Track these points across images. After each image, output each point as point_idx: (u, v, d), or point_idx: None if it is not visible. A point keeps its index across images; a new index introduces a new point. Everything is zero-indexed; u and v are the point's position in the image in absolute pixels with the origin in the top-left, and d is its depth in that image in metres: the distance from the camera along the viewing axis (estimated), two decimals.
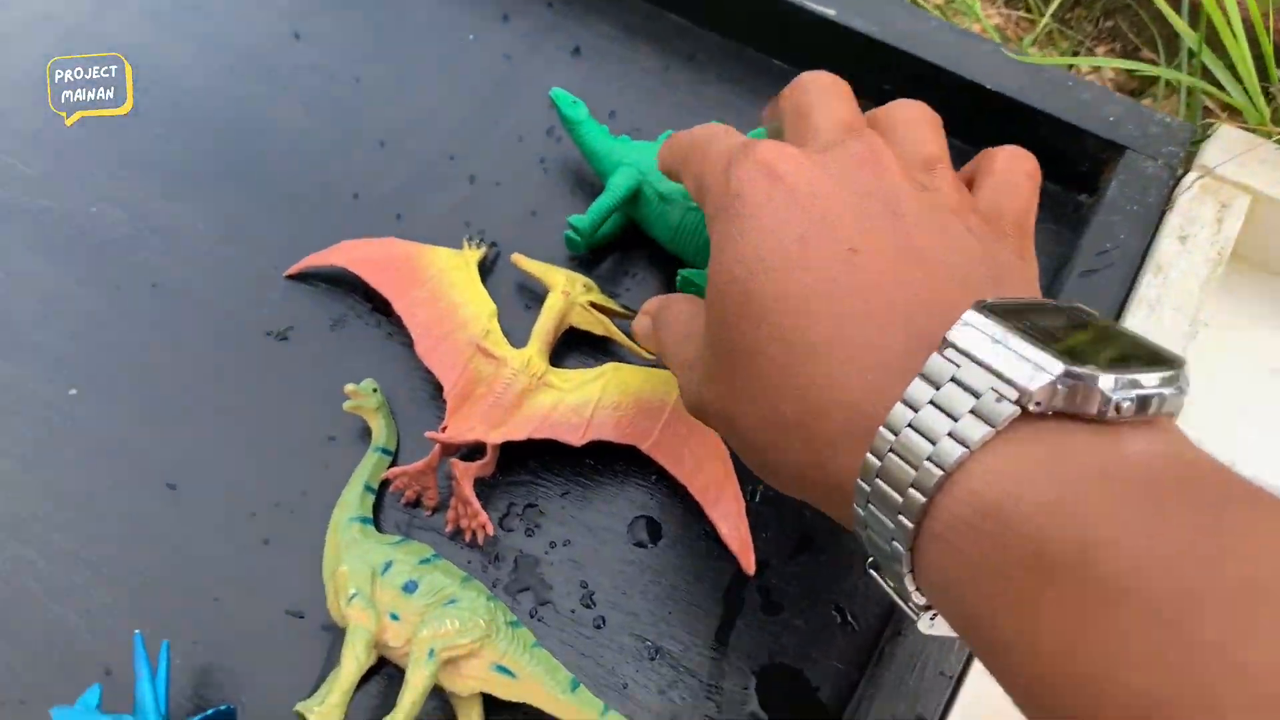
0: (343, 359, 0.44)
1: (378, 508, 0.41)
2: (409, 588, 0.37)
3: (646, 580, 0.41)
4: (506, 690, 0.36)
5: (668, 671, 0.39)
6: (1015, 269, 0.29)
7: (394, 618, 0.37)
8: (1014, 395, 0.23)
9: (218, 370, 0.44)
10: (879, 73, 0.48)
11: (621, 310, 0.44)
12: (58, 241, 0.47)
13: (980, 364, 0.23)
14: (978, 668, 0.36)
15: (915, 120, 0.33)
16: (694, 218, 0.44)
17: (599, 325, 0.44)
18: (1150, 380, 0.23)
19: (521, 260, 0.45)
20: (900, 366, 0.25)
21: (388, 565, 0.38)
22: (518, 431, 0.41)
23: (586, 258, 0.47)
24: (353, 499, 0.40)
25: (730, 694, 0.39)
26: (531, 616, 0.40)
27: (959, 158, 0.33)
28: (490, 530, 0.40)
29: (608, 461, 0.42)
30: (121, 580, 0.40)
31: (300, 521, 0.41)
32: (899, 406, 0.24)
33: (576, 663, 0.39)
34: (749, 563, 0.41)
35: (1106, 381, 0.22)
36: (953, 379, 0.24)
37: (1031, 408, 0.22)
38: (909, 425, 0.24)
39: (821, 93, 0.33)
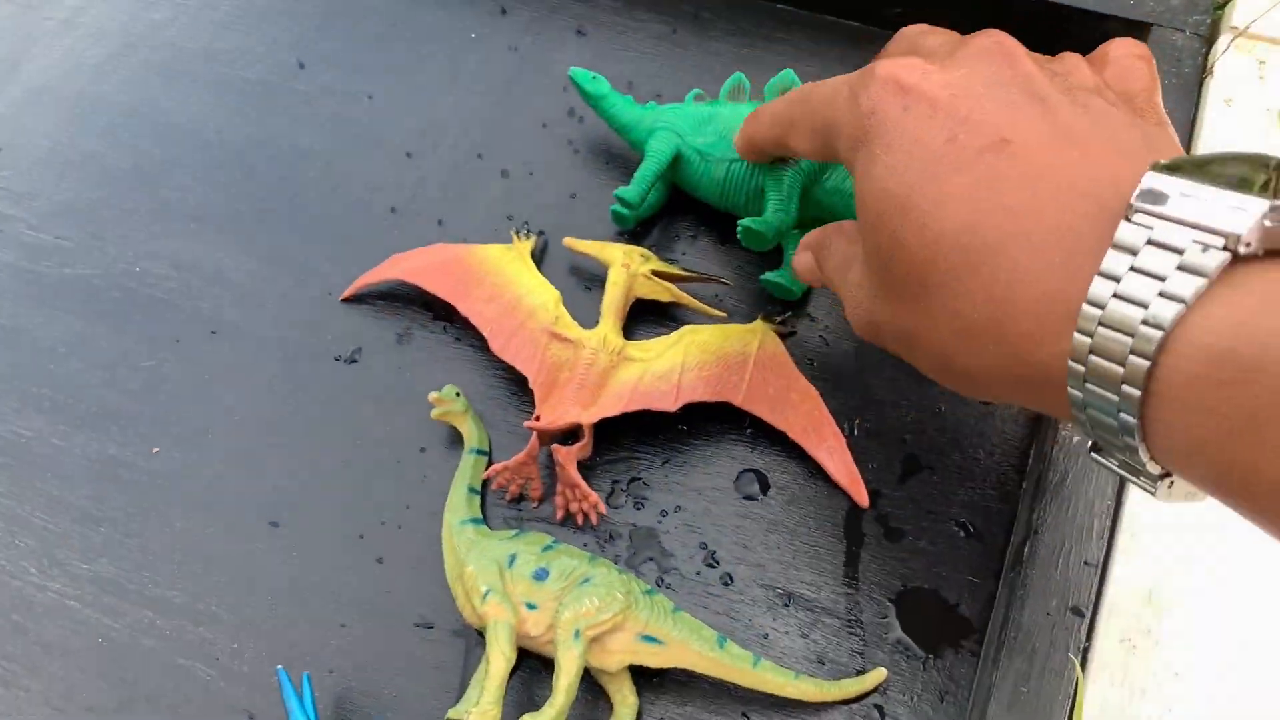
0: (416, 371, 0.44)
1: (484, 508, 0.41)
2: (539, 575, 0.37)
3: (764, 531, 0.40)
4: (656, 658, 0.36)
5: (804, 615, 0.39)
6: (1164, 137, 0.29)
7: (531, 607, 0.36)
8: (1220, 242, 0.22)
9: (294, 402, 0.44)
10: None
11: (685, 273, 0.44)
12: (109, 306, 0.47)
13: (1175, 221, 0.23)
14: (1121, 549, 0.36)
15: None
16: (739, 169, 0.44)
17: (665, 292, 0.44)
18: None
19: (574, 242, 0.45)
20: (1087, 246, 0.25)
21: (512, 558, 0.37)
22: (611, 407, 0.40)
23: (636, 230, 0.47)
24: (459, 503, 0.40)
25: (871, 625, 0.39)
26: (659, 585, 0.40)
27: None
28: (602, 508, 0.40)
29: (701, 423, 0.42)
30: (243, 625, 0.40)
31: (410, 534, 0.41)
32: (1098, 280, 0.24)
33: (713, 622, 0.39)
34: (861, 495, 0.40)
35: None
36: (1149, 242, 0.23)
37: (1242, 250, 0.22)
38: (1114, 296, 0.23)
39: (916, 32, 0.34)
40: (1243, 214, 0.22)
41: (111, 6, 0.55)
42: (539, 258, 0.46)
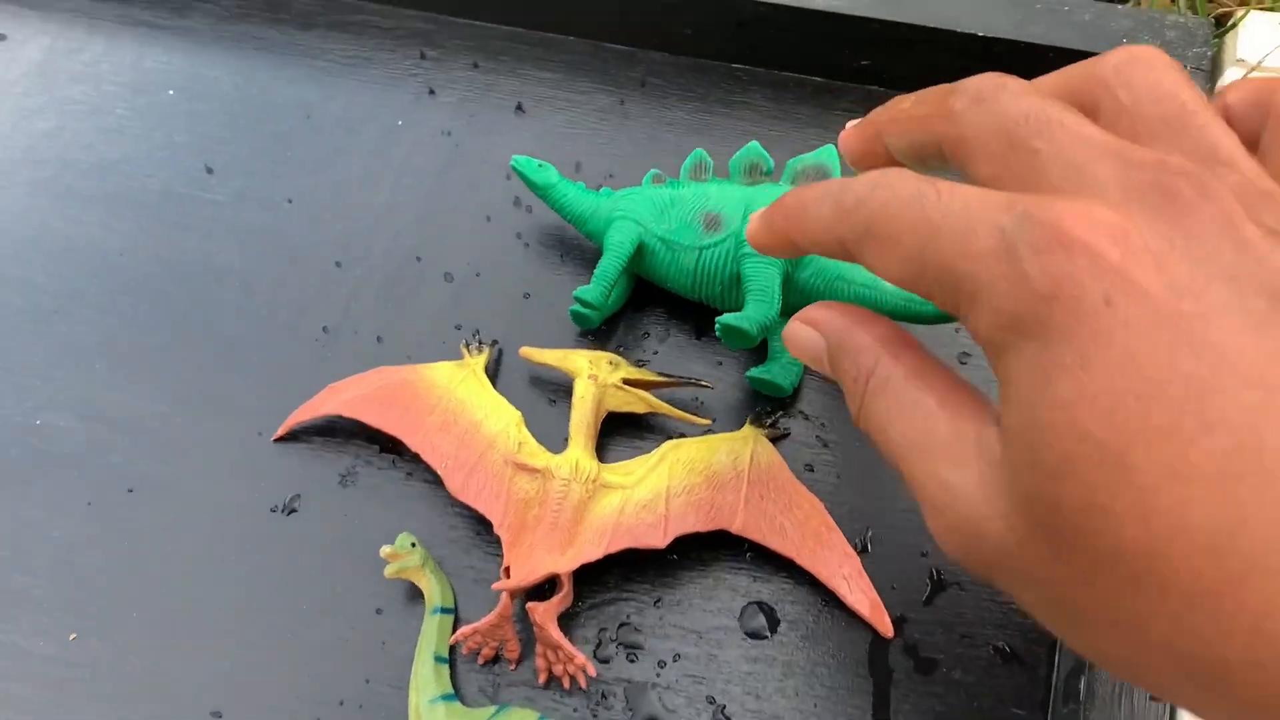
0: (364, 518, 0.39)
1: (455, 675, 0.36)
2: None
3: (778, 675, 0.35)
4: None
5: None
6: None
7: None
8: None
9: (229, 567, 0.38)
10: (853, 49, 0.44)
11: (660, 378, 0.39)
12: (6, 470, 0.41)
13: None
14: None
15: (1157, 88, 0.24)
16: (711, 256, 0.39)
17: (640, 402, 0.39)
18: None
19: (532, 353, 0.40)
20: None
21: None
22: (591, 550, 0.35)
23: (601, 329, 0.42)
24: (426, 675, 0.35)
25: None
26: None
27: None
28: (591, 669, 0.35)
29: (693, 552, 0.37)
30: None
31: (373, 713, 0.35)
32: None
33: None
34: (885, 624, 0.36)
35: None
36: None
37: None
38: None
39: (1020, 105, 0.24)
40: None
41: None
42: (494, 372, 0.41)
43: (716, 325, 0.37)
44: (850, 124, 0.30)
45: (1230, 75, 0.40)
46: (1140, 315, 0.20)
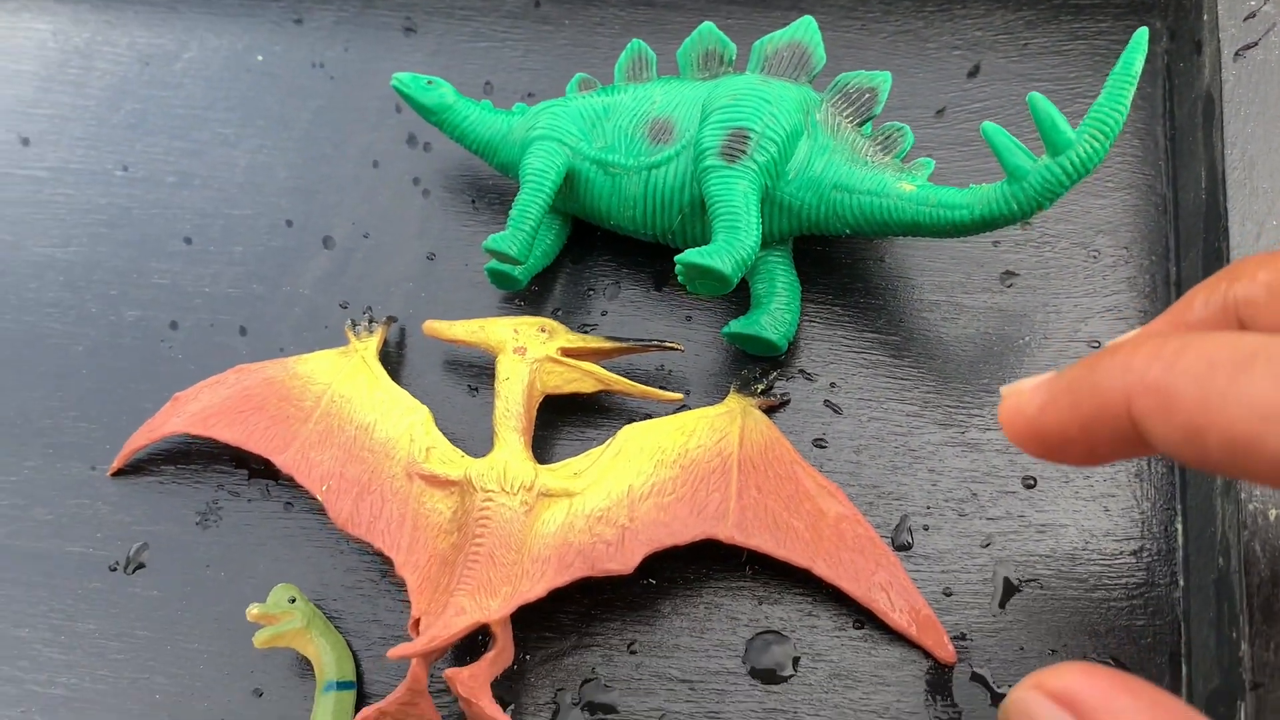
0: (232, 566, 0.29)
1: None
2: None
3: None
4: None
5: None
6: None
7: None
8: None
9: (59, 650, 0.29)
10: None
11: (611, 344, 0.29)
12: None
13: None
14: None
15: None
16: (663, 175, 0.29)
17: (586, 378, 0.29)
18: None
19: (440, 327, 0.30)
20: None
21: None
22: (531, 587, 0.25)
23: (530, 291, 0.32)
24: None
25: None
26: None
27: None
28: None
29: (674, 573, 0.28)
30: None
31: None
32: None
33: None
34: (943, 646, 0.26)
35: None
36: None
37: None
38: None
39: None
40: None
41: None
42: (394, 359, 0.31)
43: (677, 267, 0.27)
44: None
45: None
46: None
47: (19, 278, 0.34)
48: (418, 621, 0.25)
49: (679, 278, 0.27)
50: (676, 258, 0.27)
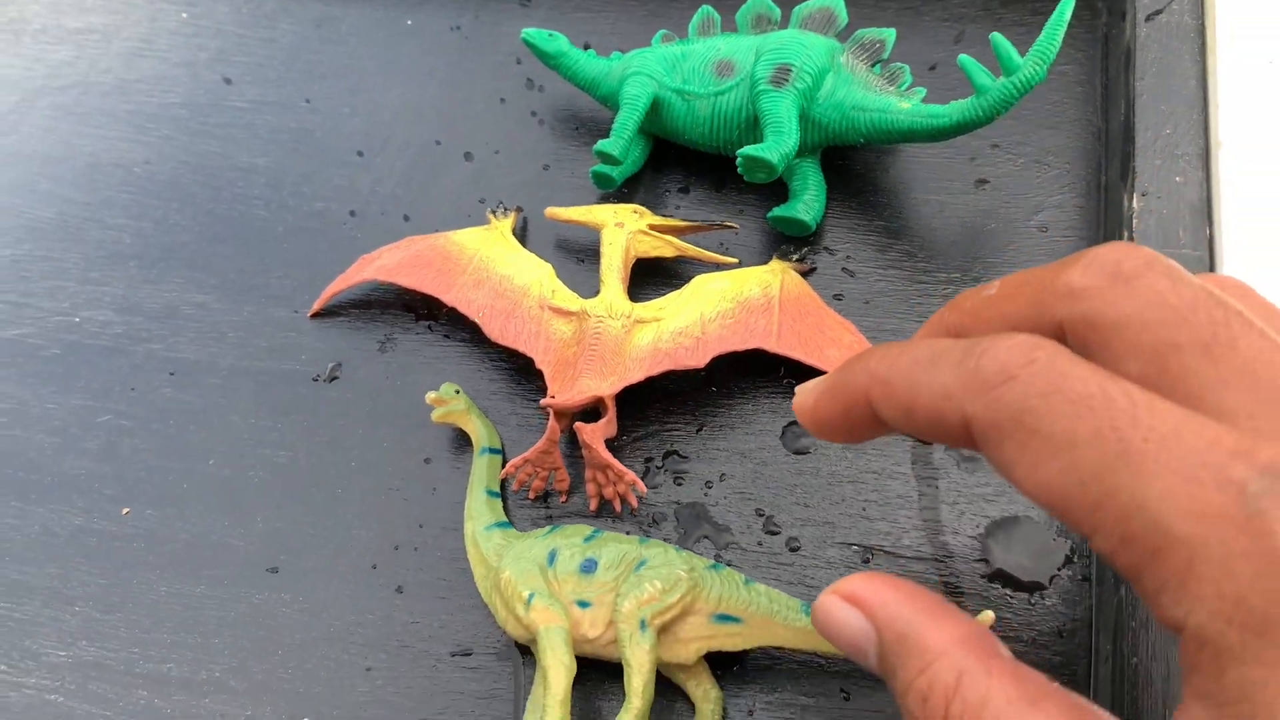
0: (405, 378, 0.40)
1: (506, 512, 0.36)
2: (587, 567, 0.32)
3: (824, 485, 0.36)
4: (736, 639, 0.31)
5: (889, 565, 0.34)
6: None
7: (583, 605, 0.32)
8: None
9: (275, 434, 0.39)
10: None
11: (685, 223, 0.40)
12: (50, 364, 0.41)
13: None
14: None
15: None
16: (726, 100, 0.40)
17: (667, 246, 0.39)
18: None
19: (557, 211, 0.41)
20: None
21: (552, 555, 0.33)
22: (633, 374, 0.36)
23: (622, 191, 0.43)
24: (479, 508, 0.35)
25: (965, 565, 0.34)
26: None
27: None
28: (641, 487, 0.35)
29: (731, 380, 0.38)
30: (256, 689, 0.35)
31: (429, 555, 0.36)
32: None
33: (789, 593, 0.34)
34: None
35: None
36: None
37: None
38: None
39: (1185, 294, 0.20)
40: None
41: (6, 55, 0.50)
42: (520, 236, 0.42)
43: (738, 158, 0.38)
44: (924, 328, 0.26)
45: None
46: None
47: (229, 179, 0.45)
48: (552, 398, 0.36)
49: (739, 168, 0.38)
50: (739, 151, 0.38)
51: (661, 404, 0.38)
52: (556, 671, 0.30)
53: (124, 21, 0.50)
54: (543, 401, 0.35)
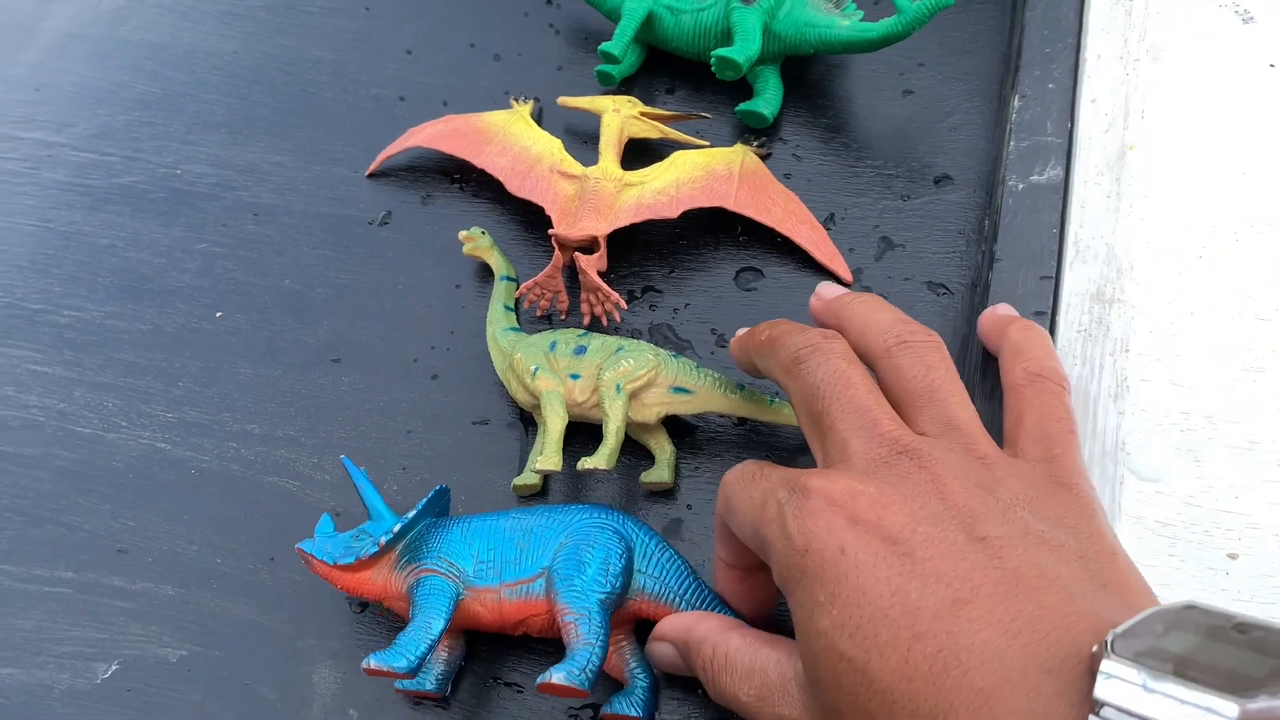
0: (441, 224, 0.50)
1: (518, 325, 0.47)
2: (579, 351, 0.42)
3: (766, 313, 0.46)
4: (687, 405, 0.42)
5: None
6: (1095, 538, 0.29)
7: (574, 378, 0.42)
8: None
9: (338, 262, 0.49)
10: None
11: (669, 113, 0.50)
12: (156, 205, 0.52)
13: (1144, 719, 0.22)
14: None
15: (920, 369, 0.33)
16: (706, 17, 0.50)
17: (654, 129, 0.50)
18: None
19: (568, 100, 0.51)
20: None
21: (553, 344, 0.43)
22: (621, 220, 0.46)
23: (620, 89, 0.53)
24: (498, 316, 0.46)
25: None
26: None
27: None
28: (623, 304, 0.45)
29: (698, 234, 0.48)
30: (319, 444, 0.45)
31: (458, 353, 0.47)
32: None
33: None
34: (844, 271, 0.47)
35: None
36: None
37: None
38: None
39: (828, 377, 0.33)
40: (1216, 717, 0.21)
41: None
42: (537, 119, 0.52)
43: (712, 58, 0.48)
44: (740, 331, 0.40)
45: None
46: (864, 557, 0.28)
47: (301, 67, 0.56)
48: (558, 235, 0.46)
49: (712, 66, 0.48)
50: (713, 53, 0.48)
51: (642, 251, 0.48)
52: (553, 421, 0.41)
53: None
54: (551, 230, 0.45)
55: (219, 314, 0.49)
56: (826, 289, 0.40)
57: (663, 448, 0.43)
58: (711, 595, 0.37)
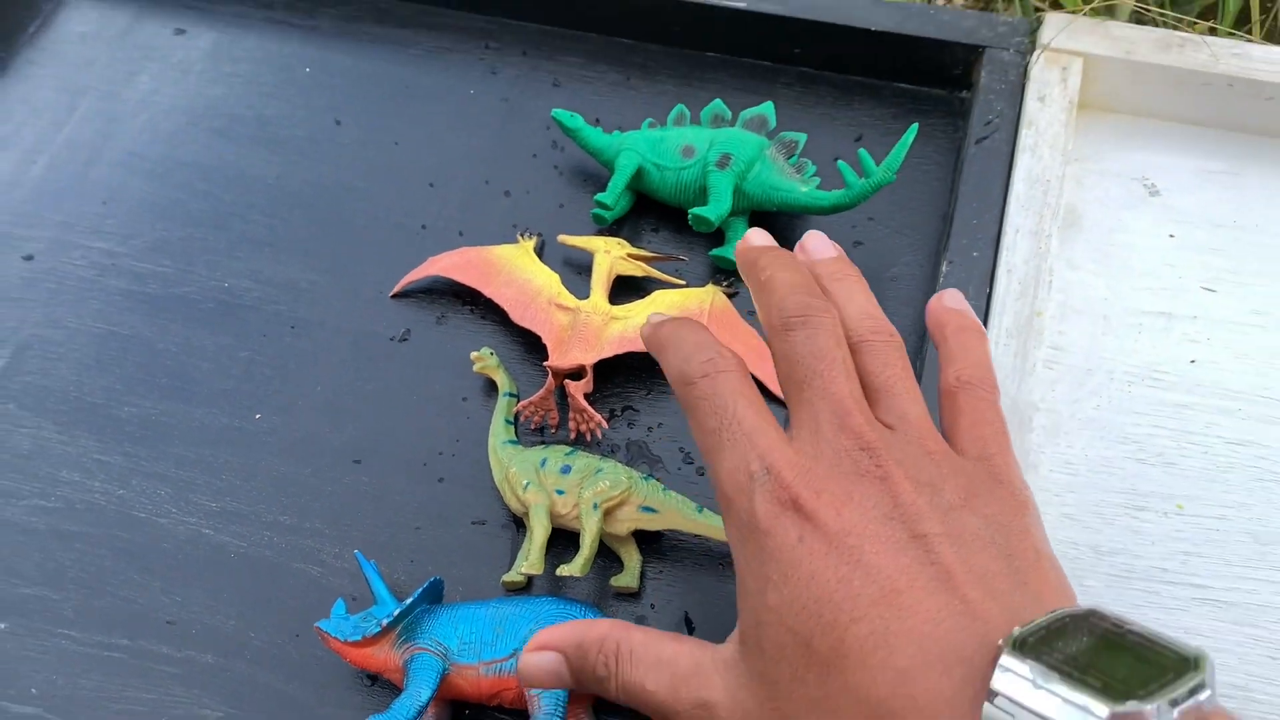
0: (454, 343, 0.58)
1: (516, 437, 0.55)
2: (565, 470, 0.50)
3: None
4: (653, 523, 0.50)
5: None
6: (1022, 536, 0.32)
7: (559, 493, 0.50)
8: None
9: (362, 373, 0.57)
10: (789, 40, 0.63)
11: (652, 254, 0.58)
12: (206, 314, 0.60)
13: (1030, 711, 0.25)
14: None
15: (882, 363, 0.37)
16: (687, 175, 0.58)
17: (638, 269, 0.58)
18: (1184, 694, 0.25)
19: (567, 238, 0.59)
20: (962, 714, 0.27)
21: (544, 461, 0.51)
22: (606, 351, 0.54)
23: (612, 228, 0.61)
24: (499, 429, 0.54)
25: None
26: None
27: (862, 90, 0.48)
28: (605, 425, 0.53)
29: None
30: (340, 536, 0.53)
31: (462, 459, 0.54)
32: None
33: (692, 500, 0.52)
34: None
35: (1149, 713, 0.24)
36: None
37: None
38: None
39: (814, 353, 0.36)
40: (1089, 718, 0.24)
41: (176, 89, 0.69)
42: (540, 253, 0.60)
43: (690, 215, 0.57)
44: (751, 237, 0.44)
45: (1036, 55, 0.59)
46: (819, 547, 0.31)
47: (337, 194, 0.64)
48: (551, 363, 0.54)
49: (690, 221, 0.57)
50: (690, 210, 0.56)
51: (624, 374, 0.56)
52: (538, 531, 0.49)
53: (263, 70, 0.69)
54: (546, 363, 0.54)
55: (258, 415, 0.57)
56: (813, 241, 0.43)
57: (631, 556, 0.50)
58: None
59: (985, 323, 0.53)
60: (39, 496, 0.54)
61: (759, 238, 0.43)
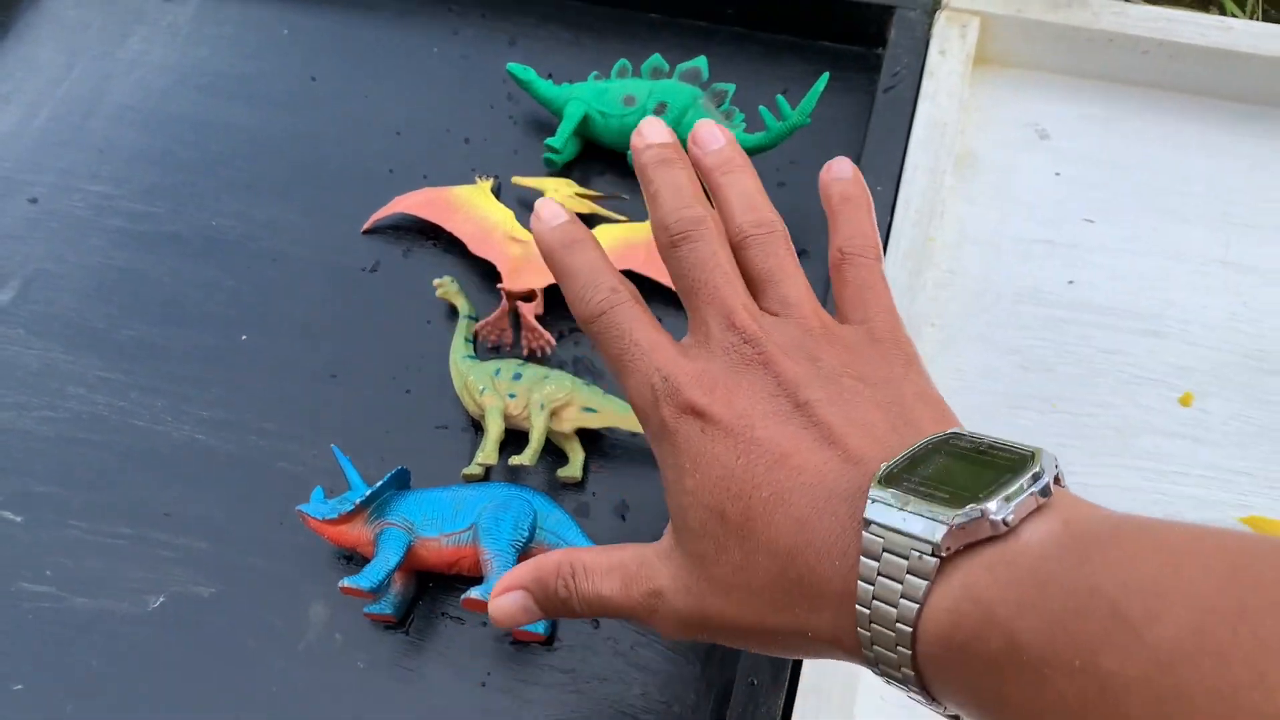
0: (418, 273, 0.65)
1: (475, 353, 0.62)
2: (516, 377, 0.57)
3: None
4: (594, 421, 0.57)
5: None
6: (902, 383, 0.35)
7: (511, 397, 0.57)
8: (928, 549, 0.27)
9: (336, 300, 0.64)
10: (723, 2, 0.70)
11: (599, 194, 0.65)
12: (196, 249, 0.66)
13: (896, 531, 0.28)
14: None
15: (768, 256, 0.39)
16: (630, 121, 0.65)
17: (585, 206, 0.65)
18: (1020, 487, 0.27)
19: (520, 180, 0.66)
20: (852, 547, 0.30)
21: (497, 370, 0.58)
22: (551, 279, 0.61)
23: (562, 170, 0.68)
24: (460, 345, 0.61)
25: None
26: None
27: (789, 48, 0.54)
28: (553, 342, 0.60)
29: None
30: (318, 438, 0.59)
31: (427, 373, 0.61)
32: (860, 584, 0.29)
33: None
34: None
35: (990, 509, 0.27)
36: (884, 550, 0.28)
37: (944, 554, 0.27)
38: (873, 598, 0.28)
39: (700, 262, 0.38)
40: (938, 526, 0.27)
41: (165, 49, 0.75)
42: (497, 193, 0.67)
43: (628, 157, 0.64)
44: (648, 137, 0.42)
45: (939, 15, 0.66)
46: (719, 435, 0.34)
47: (313, 143, 0.70)
48: (504, 289, 0.61)
49: (629, 162, 0.64)
50: (628, 151, 0.63)
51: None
52: (493, 428, 0.56)
53: (245, 31, 0.75)
54: (500, 285, 0.60)
55: (244, 336, 0.63)
56: (703, 131, 0.42)
57: (575, 452, 0.57)
58: (591, 543, 0.52)
59: (885, 248, 0.60)
60: (48, 409, 0.61)
61: (652, 131, 0.41)
